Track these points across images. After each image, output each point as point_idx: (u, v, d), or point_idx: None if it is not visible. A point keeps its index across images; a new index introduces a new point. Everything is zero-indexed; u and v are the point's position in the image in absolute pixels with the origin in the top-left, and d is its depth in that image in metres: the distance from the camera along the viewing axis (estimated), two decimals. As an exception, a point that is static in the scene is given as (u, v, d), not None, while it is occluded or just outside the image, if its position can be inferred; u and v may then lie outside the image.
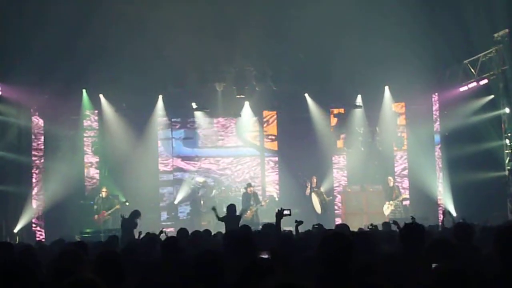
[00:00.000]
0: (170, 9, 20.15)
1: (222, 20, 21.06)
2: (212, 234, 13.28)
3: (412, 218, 13.62)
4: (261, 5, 21.24)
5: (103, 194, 22.89)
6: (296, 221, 10.50)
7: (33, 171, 23.63)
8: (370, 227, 13.48)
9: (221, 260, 5.98)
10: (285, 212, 9.76)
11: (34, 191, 23.44)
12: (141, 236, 13.28)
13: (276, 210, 9.95)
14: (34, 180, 23.61)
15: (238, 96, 24.88)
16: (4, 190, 21.23)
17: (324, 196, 23.52)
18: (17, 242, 18.61)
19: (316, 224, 12.10)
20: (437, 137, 25.00)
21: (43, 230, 23.16)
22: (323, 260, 5.73)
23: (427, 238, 7.30)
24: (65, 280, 4.95)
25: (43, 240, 20.19)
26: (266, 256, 6.91)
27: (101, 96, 24.56)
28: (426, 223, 14.14)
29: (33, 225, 23.02)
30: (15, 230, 21.60)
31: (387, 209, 23.06)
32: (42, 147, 24.05)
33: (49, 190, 23.27)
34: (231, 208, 16.97)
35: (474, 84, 21.96)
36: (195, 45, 21.40)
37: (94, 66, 22.00)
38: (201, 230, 13.34)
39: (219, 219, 17.09)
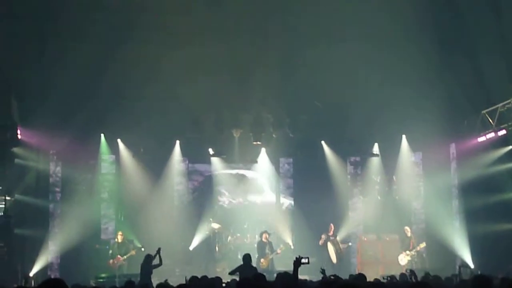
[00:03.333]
0: (187, 55, 20.34)
1: (239, 67, 21.20)
2: (225, 282, 13.15)
3: (427, 274, 13.49)
4: (279, 53, 21.39)
5: (119, 238, 22.86)
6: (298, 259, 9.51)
7: (50, 215, 23.67)
8: (385, 278, 13.38)
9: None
10: (303, 260, 9.46)
11: (51, 235, 23.46)
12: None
13: (294, 258, 9.68)
14: (50, 224, 23.64)
15: (254, 143, 24.90)
16: (21, 233, 21.29)
17: (340, 245, 23.34)
18: (32, 286, 18.57)
19: (332, 275, 11.97)
20: (454, 187, 24.80)
21: (58, 274, 23.07)
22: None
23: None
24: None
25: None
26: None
27: (119, 140, 24.68)
28: (442, 274, 13.98)
29: (49, 269, 22.97)
30: (31, 274, 21.58)
31: (404, 259, 22.85)
32: (60, 191, 24.11)
33: (65, 234, 23.26)
34: (247, 257, 16.75)
35: (492, 134, 21.87)
36: (212, 91, 21.55)
37: (112, 111, 22.21)
38: (216, 276, 13.24)
39: (231, 272, 16.71)
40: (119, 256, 22.33)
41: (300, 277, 14.82)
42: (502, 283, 9.35)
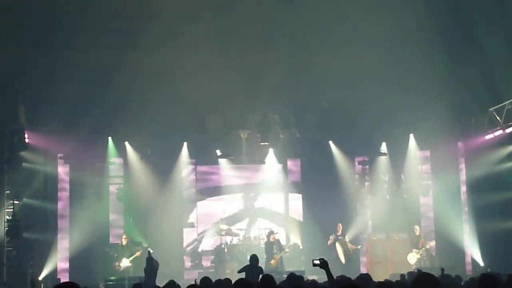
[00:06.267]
0: (194, 57, 20.34)
1: (246, 68, 21.18)
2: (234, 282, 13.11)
3: (442, 269, 13.41)
4: (285, 53, 21.37)
5: (123, 241, 22.86)
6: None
7: (58, 218, 23.70)
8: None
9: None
10: (315, 262, 9.25)
11: (60, 238, 23.49)
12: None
13: (318, 261, 9.20)
14: (59, 227, 23.66)
15: (262, 143, 24.88)
16: (30, 237, 21.32)
17: (349, 246, 23.28)
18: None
19: (339, 276, 11.89)
20: (462, 185, 24.72)
21: (68, 277, 23.08)
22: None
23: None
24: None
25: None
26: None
27: (126, 143, 24.70)
28: (452, 273, 13.93)
29: (58, 273, 22.99)
30: (40, 278, 21.62)
31: (413, 257, 22.79)
32: (68, 194, 24.14)
33: (74, 238, 23.31)
34: (253, 258, 16.74)
35: (500, 132, 21.82)
36: (219, 93, 21.52)
37: (120, 114, 22.22)
38: (223, 279, 13.19)
39: (239, 271, 16.84)
40: (124, 258, 22.32)
41: (309, 277, 14.85)
42: (510, 281, 9.29)
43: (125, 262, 22.16)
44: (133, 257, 22.19)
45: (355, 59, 20.41)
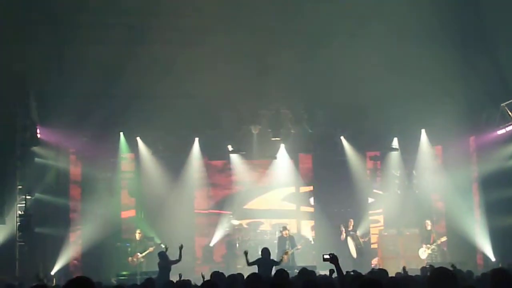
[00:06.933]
0: (206, 53, 20.37)
1: (258, 63, 21.20)
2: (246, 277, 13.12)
3: (453, 266, 13.34)
4: (297, 49, 21.37)
5: (137, 236, 22.96)
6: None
7: (70, 213, 23.78)
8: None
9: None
10: (325, 256, 9.22)
11: (72, 233, 23.58)
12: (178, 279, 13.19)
13: (328, 256, 9.11)
14: (71, 222, 23.75)
15: (273, 139, 24.87)
16: (42, 232, 21.43)
17: (360, 240, 23.28)
18: (54, 284, 18.68)
19: (352, 271, 11.91)
20: (474, 181, 24.64)
21: (80, 272, 23.17)
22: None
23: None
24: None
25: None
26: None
27: (138, 138, 24.73)
28: (464, 268, 13.93)
29: (70, 267, 23.09)
30: (52, 272, 21.73)
31: (424, 252, 22.77)
32: (80, 189, 24.21)
33: (86, 232, 23.39)
34: (265, 251, 16.78)
35: (512, 127, 21.77)
36: (231, 88, 21.55)
37: (131, 109, 22.31)
38: (236, 273, 13.20)
39: (250, 263, 16.85)
40: (138, 253, 22.43)
41: (321, 272, 14.86)
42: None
43: (138, 257, 22.28)
44: (146, 252, 22.31)
45: (367, 55, 20.39)
